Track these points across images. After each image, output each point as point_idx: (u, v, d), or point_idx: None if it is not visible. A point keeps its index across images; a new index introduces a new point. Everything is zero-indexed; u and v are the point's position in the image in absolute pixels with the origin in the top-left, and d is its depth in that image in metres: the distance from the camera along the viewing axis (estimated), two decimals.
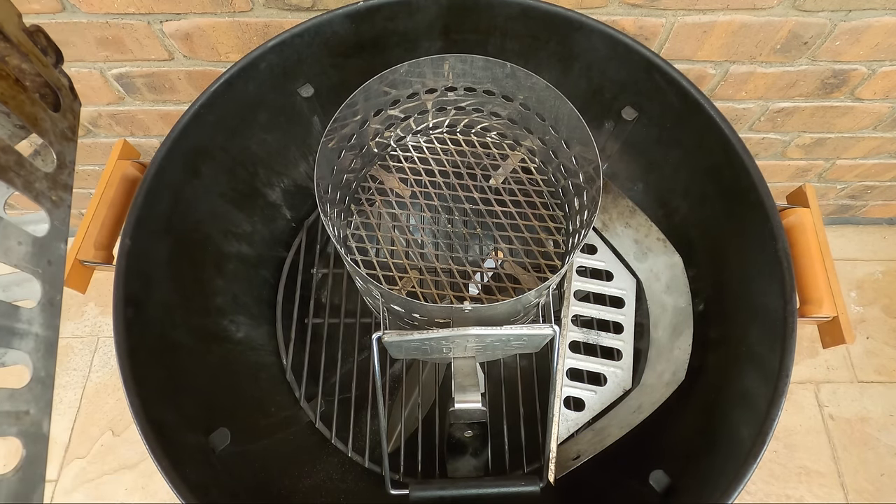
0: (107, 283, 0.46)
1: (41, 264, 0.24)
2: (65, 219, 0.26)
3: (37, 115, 0.26)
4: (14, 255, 0.23)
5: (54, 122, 0.27)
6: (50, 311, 0.24)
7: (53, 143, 0.27)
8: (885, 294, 1.16)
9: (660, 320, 0.60)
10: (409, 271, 0.54)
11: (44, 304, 0.24)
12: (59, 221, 0.25)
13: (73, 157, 0.27)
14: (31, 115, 0.26)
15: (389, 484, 0.49)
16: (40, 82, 0.28)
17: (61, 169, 0.26)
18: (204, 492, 0.43)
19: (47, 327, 0.24)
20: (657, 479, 0.48)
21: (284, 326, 0.68)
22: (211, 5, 0.64)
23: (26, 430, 0.22)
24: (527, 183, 0.57)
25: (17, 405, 0.22)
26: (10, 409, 0.22)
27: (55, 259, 0.25)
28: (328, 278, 0.71)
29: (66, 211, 0.26)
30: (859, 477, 1.00)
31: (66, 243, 0.26)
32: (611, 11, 0.66)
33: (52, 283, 0.24)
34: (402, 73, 0.48)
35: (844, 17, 0.66)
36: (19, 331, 0.23)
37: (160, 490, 0.98)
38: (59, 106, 0.28)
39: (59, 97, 0.28)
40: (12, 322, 0.22)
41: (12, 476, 0.21)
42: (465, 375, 0.46)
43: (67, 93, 0.29)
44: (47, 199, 0.25)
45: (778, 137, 0.90)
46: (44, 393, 0.23)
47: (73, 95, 0.29)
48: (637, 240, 0.62)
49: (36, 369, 0.23)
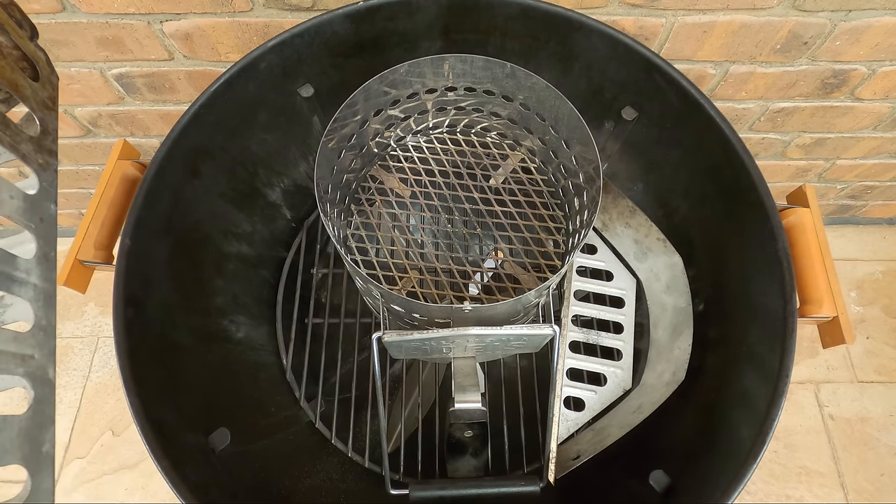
0: (107, 283, 0.46)
1: (34, 220, 0.26)
2: (53, 181, 0.27)
3: (17, 82, 0.28)
4: (6, 208, 0.24)
5: (34, 90, 0.29)
6: (45, 264, 0.26)
7: (35, 109, 0.28)
8: (885, 294, 1.16)
9: (660, 320, 0.60)
10: (409, 271, 0.54)
11: (39, 258, 0.25)
12: (47, 183, 0.27)
13: (56, 126, 0.29)
14: (12, 80, 0.28)
15: (389, 484, 0.49)
16: (18, 55, 0.29)
17: (45, 135, 0.28)
18: (204, 492, 0.43)
19: (45, 279, 0.25)
20: (657, 479, 0.48)
21: (284, 326, 0.68)
22: (211, 5, 0.64)
23: (33, 373, 0.24)
24: (527, 183, 0.57)
25: (21, 348, 0.24)
26: (16, 351, 0.23)
27: (46, 217, 0.26)
28: (328, 278, 0.71)
29: (54, 175, 0.28)
30: (859, 477, 1.00)
31: (56, 205, 0.27)
32: (611, 11, 0.66)
33: (45, 238, 0.26)
34: (402, 73, 0.48)
35: (844, 17, 0.66)
36: (18, 278, 0.24)
37: (160, 490, 0.98)
38: (38, 77, 0.30)
39: (37, 69, 0.30)
40: (11, 269, 0.24)
41: (24, 416, 0.23)
42: (465, 375, 0.46)
43: (45, 65, 0.30)
44: (34, 162, 0.27)
45: (778, 137, 0.90)
46: (46, 340, 0.25)
47: (50, 68, 0.31)
48: (637, 240, 0.62)
49: (38, 317, 0.25)
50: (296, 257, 0.71)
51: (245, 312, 0.63)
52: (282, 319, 0.68)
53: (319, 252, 0.71)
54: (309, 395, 0.64)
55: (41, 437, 0.23)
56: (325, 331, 0.67)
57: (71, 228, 1.18)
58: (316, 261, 0.70)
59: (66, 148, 0.92)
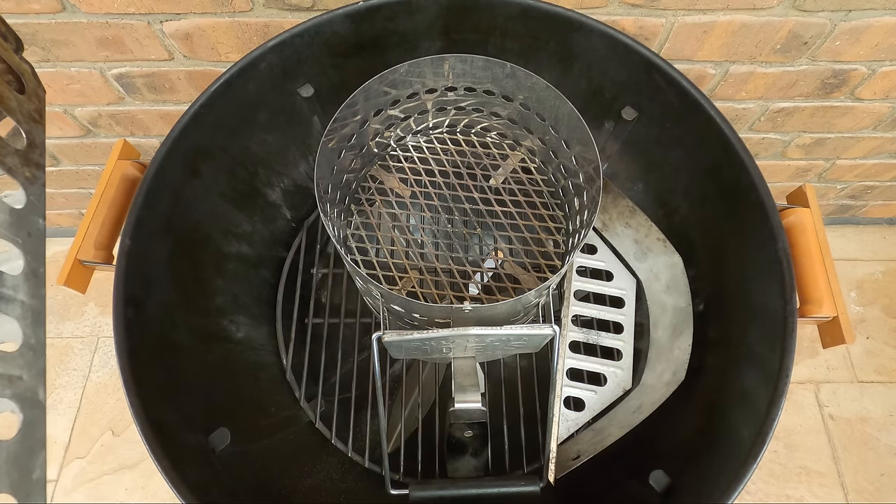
0: (107, 283, 0.46)
1: (21, 235, 0.25)
2: (40, 196, 0.27)
3: (3, 94, 0.27)
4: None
5: (20, 102, 0.28)
6: (34, 281, 0.25)
7: (21, 122, 0.28)
8: (885, 294, 1.16)
9: (660, 320, 0.60)
10: (409, 271, 0.54)
11: (27, 274, 0.25)
12: (34, 197, 0.26)
13: (43, 139, 0.29)
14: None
15: (389, 484, 0.49)
16: (3, 68, 0.29)
17: (32, 148, 0.28)
18: (204, 492, 0.43)
19: (33, 296, 0.25)
20: (657, 479, 0.48)
21: (284, 326, 0.68)
22: (211, 5, 0.64)
23: (21, 395, 0.23)
24: (527, 183, 0.57)
25: (9, 369, 0.23)
26: (3, 372, 0.22)
27: (34, 232, 0.26)
28: (328, 278, 0.71)
29: (41, 189, 0.27)
30: (859, 477, 1.00)
31: (44, 219, 0.27)
32: (611, 11, 0.66)
33: (33, 254, 0.25)
34: (402, 72, 0.48)
35: (844, 17, 0.66)
36: (5, 295, 0.23)
37: (160, 490, 0.98)
38: (24, 90, 0.29)
39: (23, 81, 0.29)
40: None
41: (12, 440, 0.21)
42: (465, 375, 0.46)
43: (31, 77, 0.30)
44: (20, 175, 0.26)
45: (778, 137, 0.90)
46: (35, 360, 0.24)
47: (36, 81, 0.30)
48: (637, 240, 0.62)
49: (26, 335, 0.24)
50: (296, 257, 0.71)
51: (245, 312, 0.63)
52: (282, 319, 0.68)
53: (319, 252, 0.71)
54: (309, 395, 0.64)
55: (31, 464, 0.22)
56: (325, 331, 0.67)
57: (71, 228, 1.18)
58: (316, 261, 0.70)
59: (66, 148, 0.92)
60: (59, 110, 0.82)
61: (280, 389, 0.64)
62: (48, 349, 1.10)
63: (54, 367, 1.08)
